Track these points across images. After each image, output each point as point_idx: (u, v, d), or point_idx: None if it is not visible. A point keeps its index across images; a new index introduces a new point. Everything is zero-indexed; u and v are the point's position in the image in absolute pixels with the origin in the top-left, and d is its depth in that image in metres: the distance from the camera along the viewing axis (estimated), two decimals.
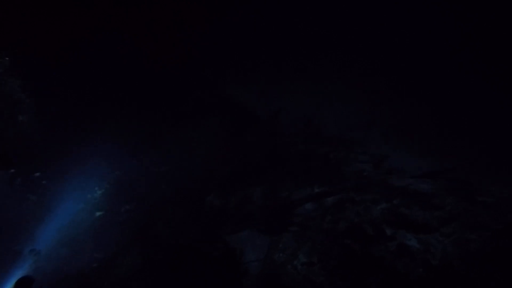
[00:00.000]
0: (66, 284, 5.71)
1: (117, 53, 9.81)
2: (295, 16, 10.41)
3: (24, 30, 8.18)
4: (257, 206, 8.03)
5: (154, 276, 6.30)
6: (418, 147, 8.07)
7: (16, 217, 6.65)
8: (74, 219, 6.72)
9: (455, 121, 8.37)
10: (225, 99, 9.86)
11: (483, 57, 8.71)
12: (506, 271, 4.30)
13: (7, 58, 7.55)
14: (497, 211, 5.19)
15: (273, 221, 7.40)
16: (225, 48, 10.34)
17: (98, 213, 7.22)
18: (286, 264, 6.22)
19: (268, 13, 10.16)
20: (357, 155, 8.14)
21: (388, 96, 9.68)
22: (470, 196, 5.63)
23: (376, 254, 5.45)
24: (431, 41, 9.85)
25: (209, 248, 7.11)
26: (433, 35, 9.84)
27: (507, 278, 4.27)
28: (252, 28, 10.19)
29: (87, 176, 7.88)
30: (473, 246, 4.79)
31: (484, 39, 8.82)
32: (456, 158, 7.13)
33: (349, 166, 7.88)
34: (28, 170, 7.65)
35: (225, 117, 9.58)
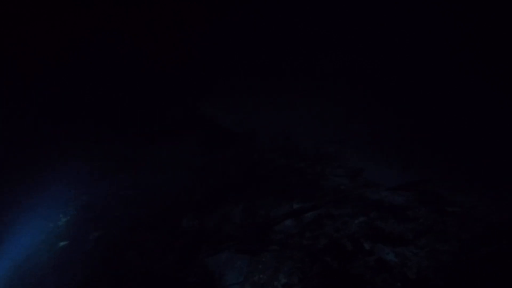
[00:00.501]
0: None
1: (90, 67, 9.46)
2: (271, 32, 10.62)
3: None
4: (235, 226, 7.82)
5: None
6: (391, 159, 8.36)
7: None
8: (32, 253, 6.09)
9: (425, 134, 8.77)
10: (202, 117, 9.73)
11: (456, 74, 9.09)
12: (475, 282, 4.44)
13: None
14: (464, 221, 5.43)
15: (253, 241, 7.22)
16: (201, 63, 10.30)
17: (61, 243, 6.62)
18: (266, 287, 6.02)
19: (243, 28, 10.31)
20: (334, 169, 8.27)
21: (362, 110, 10.03)
22: (440, 207, 5.86)
23: (356, 270, 5.44)
24: (400, 59, 10.19)
25: (186, 273, 6.74)
26: (403, 52, 10.10)
27: None
28: (228, 42, 10.27)
29: (49, 203, 7.27)
30: (445, 257, 4.92)
31: (462, 52, 9.19)
32: (425, 169, 7.46)
33: (327, 180, 7.97)
34: None
35: (202, 134, 9.41)
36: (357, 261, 5.65)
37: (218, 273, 6.70)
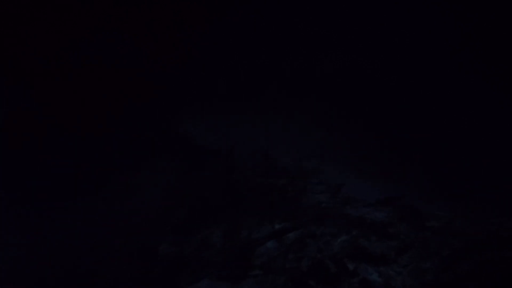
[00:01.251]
0: None
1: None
2: (245, 46, 10.52)
3: None
4: (216, 250, 7.43)
5: None
6: (370, 173, 8.41)
7: None
8: None
9: (402, 148, 8.87)
10: (178, 137, 9.39)
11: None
12: None
13: None
14: (443, 236, 5.45)
15: (234, 266, 6.86)
16: (176, 81, 10.03)
17: None
18: None
19: (218, 42, 10.16)
20: (314, 185, 8.17)
21: (340, 125, 10.08)
22: (420, 223, 5.87)
23: None
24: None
25: None
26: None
27: None
28: (203, 58, 10.08)
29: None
30: (428, 275, 4.86)
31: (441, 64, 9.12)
32: (404, 183, 7.54)
33: (307, 198, 7.84)
34: None
35: (179, 155, 9.06)
36: (341, 284, 5.47)
37: None
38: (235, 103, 9.97)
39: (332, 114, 9.90)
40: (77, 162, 9.01)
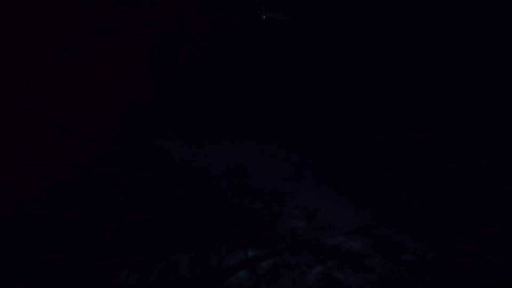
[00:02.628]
0: None
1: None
2: (220, 61, 10.29)
3: None
4: (183, 279, 6.86)
5: None
6: (348, 197, 8.36)
7: None
8: None
9: (380, 172, 8.95)
10: (148, 152, 8.81)
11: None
12: None
13: None
14: (417, 270, 5.39)
15: None
16: (149, 93, 9.47)
17: None
18: None
19: (196, 55, 9.77)
20: (290, 209, 7.94)
21: (318, 146, 10.07)
22: (395, 255, 5.80)
23: None
24: (352, 94, 10.31)
25: None
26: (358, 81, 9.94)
27: None
28: (181, 68, 9.63)
29: None
30: None
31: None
32: (379, 210, 7.54)
33: (283, 222, 7.57)
34: None
35: (148, 172, 8.45)
36: None
37: None
38: (212, 119, 9.63)
39: (310, 136, 9.87)
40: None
